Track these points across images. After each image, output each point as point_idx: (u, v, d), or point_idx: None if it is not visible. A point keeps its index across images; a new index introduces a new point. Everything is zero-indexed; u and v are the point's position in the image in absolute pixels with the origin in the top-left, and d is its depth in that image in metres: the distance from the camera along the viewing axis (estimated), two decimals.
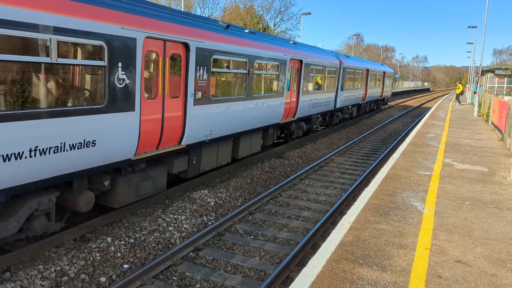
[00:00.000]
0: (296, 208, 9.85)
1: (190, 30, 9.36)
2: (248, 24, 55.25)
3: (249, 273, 6.65)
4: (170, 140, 9.09)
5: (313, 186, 11.76)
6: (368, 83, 29.38)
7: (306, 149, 16.88)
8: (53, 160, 6.33)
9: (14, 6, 5.53)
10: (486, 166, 11.53)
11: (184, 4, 41.74)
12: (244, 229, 8.42)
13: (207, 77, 10.00)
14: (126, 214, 8.65)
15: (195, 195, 9.82)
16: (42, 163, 6.16)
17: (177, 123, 9.18)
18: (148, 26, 7.95)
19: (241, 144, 12.67)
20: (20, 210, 6.25)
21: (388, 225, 6.78)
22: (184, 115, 9.34)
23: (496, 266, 5.49)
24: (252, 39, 12.66)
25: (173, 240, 7.64)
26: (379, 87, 33.96)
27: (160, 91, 8.54)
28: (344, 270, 5.18)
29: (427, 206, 7.85)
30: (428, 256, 5.67)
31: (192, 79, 9.42)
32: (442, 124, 21.79)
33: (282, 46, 14.97)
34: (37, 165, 6.10)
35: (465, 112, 30.35)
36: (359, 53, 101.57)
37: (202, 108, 9.93)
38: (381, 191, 8.68)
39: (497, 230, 6.79)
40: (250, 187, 11.28)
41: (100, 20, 6.85)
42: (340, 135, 21.43)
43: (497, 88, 35.18)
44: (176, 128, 9.18)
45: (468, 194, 8.79)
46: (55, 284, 5.88)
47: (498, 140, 16.46)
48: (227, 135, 11.41)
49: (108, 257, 6.76)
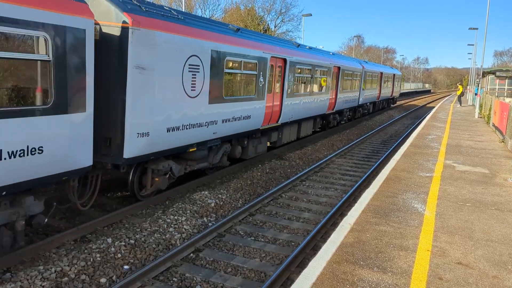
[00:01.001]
0: (296, 210, 9.83)
1: (287, 51, 14.87)
2: (248, 26, 55.30)
3: (249, 275, 6.64)
4: (274, 119, 14.34)
5: (313, 187, 11.75)
6: (382, 84, 34.19)
7: (307, 150, 16.87)
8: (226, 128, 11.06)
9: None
10: (487, 168, 11.52)
11: (185, 5, 41.71)
12: (244, 230, 8.41)
13: (293, 79, 15.28)
14: (127, 215, 8.64)
15: (195, 196, 9.81)
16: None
17: (278, 109, 14.40)
18: (271, 50, 13.32)
19: (302, 127, 17.60)
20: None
21: (389, 226, 6.77)
22: (281, 104, 14.57)
23: (497, 268, 5.47)
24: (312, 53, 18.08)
25: (174, 241, 7.63)
26: (390, 88, 38.94)
27: (273, 89, 13.81)
28: (344, 272, 5.17)
29: (428, 207, 7.84)
30: (429, 258, 5.65)
31: (286, 81, 14.60)
32: (443, 125, 21.77)
33: (328, 57, 20.72)
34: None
35: (466, 113, 30.33)
36: (360, 54, 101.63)
37: (290, 100, 15.18)
38: (382, 193, 8.67)
39: (498, 231, 6.78)
40: (250, 188, 11.27)
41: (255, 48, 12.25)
42: (341, 137, 21.41)
43: (498, 90, 35.16)
44: (277, 112, 14.38)
45: (469, 195, 8.78)
46: (55, 284, 5.88)
47: (499, 142, 16.45)
48: (296, 120, 16.42)
49: (109, 258, 6.75)
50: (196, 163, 10.48)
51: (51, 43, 6.08)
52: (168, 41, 8.51)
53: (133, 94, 7.76)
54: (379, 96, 33.86)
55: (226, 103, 10.99)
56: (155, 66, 8.21)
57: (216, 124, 10.58)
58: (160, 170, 9.16)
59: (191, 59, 9.28)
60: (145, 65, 7.96)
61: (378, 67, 35.18)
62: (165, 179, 9.40)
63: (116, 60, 7.60)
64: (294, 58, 15.16)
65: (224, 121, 10.95)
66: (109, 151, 7.75)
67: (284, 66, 14.41)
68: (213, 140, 10.63)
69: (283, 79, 14.44)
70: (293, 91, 15.31)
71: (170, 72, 8.73)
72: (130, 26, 7.47)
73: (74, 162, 6.72)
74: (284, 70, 14.41)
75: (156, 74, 8.28)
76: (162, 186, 9.34)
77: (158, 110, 8.47)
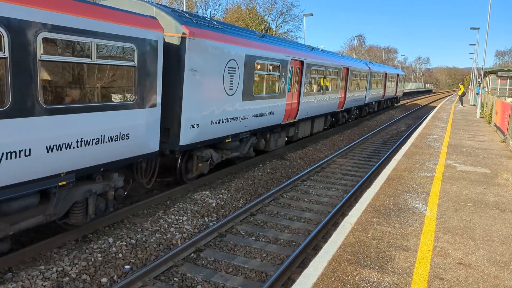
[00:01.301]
0: (297, 210, 9.83)
1: (304, 54, 16.34)
2: (250, 26, 55.29)
3: (250, 275, 6.64)
4: (292, 116, 15.79)
5: (314, 187, 11.74)
6: (386, 84, 36.06)
7: (308, 150, 16.87)
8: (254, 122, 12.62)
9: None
10: (489, 168, 11.50)
11: (186, 5, 41.72)
12: (245, 230, 8.41)
13: (308, 79, 16.86)
14: (128, 215, 8.66)
15: (196, 196, 9.82)
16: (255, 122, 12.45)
17: (295, 106, 15.90)
18: (291, 53, 14.87)
19: (315, 124, 19.18)
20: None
21: (390, 226, 6.77)
22: (299, 102, 16.11)
23: (499, 268, 5.47)
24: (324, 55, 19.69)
25: (175, 241, 7.63)
26: (394, 87, 40.75)
27: (291, 87, 15.26)
28: (345, 272, 5.17)
29: (429, 207, 7.83)
30: (430, 258, 5.65)
31: (303, 81, 16.20)
32: (445, 125, 21.75)
33: (339, 59, 22.46)
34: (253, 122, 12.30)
35: (467, 113, 30.29)
36: (361, 54, 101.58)
37: (306, 98, 16.77)
38: (383, 193, 8.66)
39: (500, 232, 6.77)
40: (251, 188, 11.27)
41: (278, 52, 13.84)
42: (342, 137, 21.40)
43: (499, 90, 35.11)
44: (295, 109, 15.85)
45: (471, 196, 8.76)
46: (57, 284, 5.89)
47: (500, 142, 16.42)
48: (310, 117, 17.84)
49: (110, 257, 6.76)
50: (230, 152, 12.13)
51: (137, 52, 7.72)
52: (213, 47, 10.11)
53: (187, 92, 9.31)
54: (383, 95, 35.60)
55: (255, 101, 12.57)
56: (204, 68, 9.78)
57: (247, 119, 12.21)
58: (203, 157, 10.77)
59: (230, 62, 10.91)
60: (197, 68, 9.53)
61: (383, 67, 36.96)
62: (207, 165, 11.04)
63: (175, 64, 9.13)
64: (310, 60, 16.79)
65: (253, 116, 12.56)
66: (168, 139, 9.31)
67: (301, 68, 16.03)
68: (244, 133, 12.32)
69: (300, 79, 16.06)
70: (308, 90, 17.07)
71: (215, 74, 10.33)
72: (187, 36, 9.11)
73: (147, 147, 8.33)
74: (301, 71, 16.08)
75: (204, 76, 9.85)
76: (204, 171, 10.98)
77: (205, 106, 10.08)
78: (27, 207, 6.20)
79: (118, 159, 7.62)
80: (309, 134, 18.82)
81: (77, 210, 7.20)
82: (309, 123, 18.40)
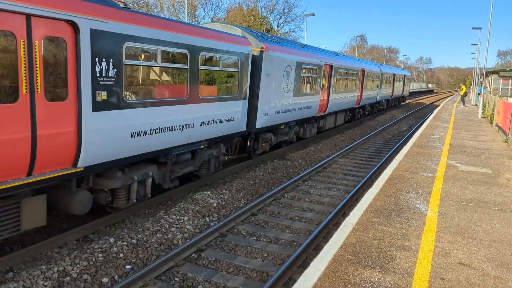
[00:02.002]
0: (298, 210, 9.82)
1: (332, 59, 20.04)
2: (251, 26, 55.29)
3: (251, 275, 6.63)
4: (322, 110, 19.20)
5: (316, 187, 11.73)
6: (394, 84, 39.46)
7: (309, 150, 16.86)
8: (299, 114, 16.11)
9: None
10: (490, 168, 11.47)
11: (187, 5, 41.70)
12: (246, 230, 8.41)
13: (335, 80, 20.45)
14: (129, 215, 8.66)
15: (197, 196, 9.82)
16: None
17: (325, 102, 19.42)
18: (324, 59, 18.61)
19: (338, 117, 22.72)
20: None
21: (391, 227, 6.76)
22: (328, 98, 19.66)
23: (500, 268, 5.45)
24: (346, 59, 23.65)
25: (176, 241, 7.63)
26: (401, 87, 44.30)
27: (324, 87, 18.74)
28: (346, 272, 5.16)
29: (431, 208, 7.81)
30: (431, 258, 5.64)
31: (332, 81, 19.73)
32: (446, 125, 21.71)
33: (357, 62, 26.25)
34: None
35: (469, 113, 30.24)
36: (363, 54, 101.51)
37: (333, 96, 20.29)
38: (384, 193, 8.65)
39: (501, 232, 6.75)
40: (252, 188, 11.27)
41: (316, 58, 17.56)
42: (343, 137, 21.39)
43: (501, 90, 35.03)
44: (325, 104, 19.42)
45: (472, 196, 8.74)
46: (58, 284, 5.89)
47: (502, 142, 16.38)
48: (334, 111, 21.43)
49: (111, 257, 6.76)
50: (282, 136, 15.63)
51: (239, 62, 11.47)
52: (278, 57, 13.77)
53: (262, 90, 12.97)
54: (392, 94, 39.24)
55: (301, 97, 16.25)
56: (272, 73, 13.42)
57: (295, 111, 15.80)
58: (265, 139, 14.36)
59: (287, 67, 14.59)
60: (268, 72, 13.19)
61: (391, 69, 40.76)
62: (268, 145, 14.63)
63: (255, 69, 12.73)
64: (337, 64, 20.50)
65: (299, 109, 16.17)
66: (248, 124, 12.78)
67: (331, 71, 19.70)
68: (292, 122, 15.93)
69: (329, 80, 19.65)
70: (335, 89, 20.65)
71: (278, 77, 13.97)
72: (264, 50, 12.80)
73: (240, 127, 12.06)
74: (331, 74, 19.73)
75: (272, 78, 13.51)
76: (266, 149, 14.65)
77: (272, 100, 13.74)
78: (187, 160, 9.90)
79: (226, 134, 11.32)
80: (333, 126, 22.50)
81: (204, 167, 10.85)
82: (334, 117, 22.04)
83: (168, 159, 9.12)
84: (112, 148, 7.35)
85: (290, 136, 16.24)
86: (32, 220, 6.37)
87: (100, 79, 6.90)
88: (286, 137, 15.87)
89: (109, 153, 7.32)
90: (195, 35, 9.30)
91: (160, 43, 8.22)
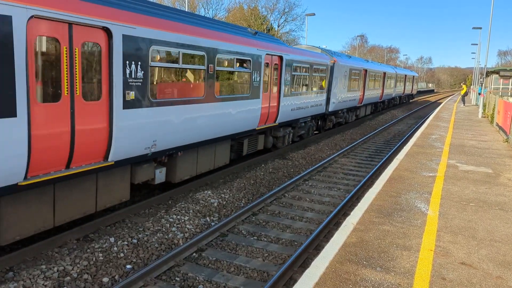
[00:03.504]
0: (299, 209, 9.82)
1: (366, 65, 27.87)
2: (252, 25, 55.26)
3: (252, 274, 6.63)
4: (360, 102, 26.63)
5: (316, 187, 11.73)
6: (406, 83, 46.79)
7: (310, 150, 16.85)
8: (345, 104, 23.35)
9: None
10: (491, 168, 11.47)
11: (188, 5, 41.72)
12: (247, 230, 8.40)
13: (368, 81, 27.52)
14: (129, 215, 8.65)
15: (198, 196, 9.81)
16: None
17: (362, 97, 26.64)
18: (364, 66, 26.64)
19: (367, 109, 29.91)
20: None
21: (392, 226, 6.75)
22: (364, 94, 26.85)
23: (501, 268, 5.44)
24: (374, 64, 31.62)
25: (176, 240, 7.63)
26: (411, 86, 51.73)
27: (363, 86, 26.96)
28: (347, 272, 5.15)
29: (431, 207, 7.81)
30: (432, 258, 5.63)
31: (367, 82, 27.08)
32: (447, 125, 21.70)
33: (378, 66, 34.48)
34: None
35: (469, 113, 30.23)
36: (364, 54, 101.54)
37: (366, 92, 27.36)
38: (385, 192, 8.64)
39: (502, 231, 6.74)
40: (253, 188, 11.26)
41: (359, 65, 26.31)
42: (344, 136, 21.38)
43: (502, 89, 35.01)
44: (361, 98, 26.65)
45: (473, 195, 8.74)
46: (58, 284, 5.89)
47: (503, 142, 16.37)
48: (365, 104, 28.54)
49: (111, 257, 6.75)
50: (338, 119, 22.81)
51: (327, 70, 19.32)
52: (341, 66, 21.24)
53: (333, 87, 20.09)
54: (403, 92, 46.26)
55: (350, 92, 23.60)
56: (338, 76, 20.69)
57: (346, 102, 23.06)
58: (331, 119, 21.51)
59: (344, 72, 22.06)
60: (336, 76, 20.42)
61: (404, 71, 47.84)
62: (331, 124, 21.60)
63: (330, 75, 19.80)
64: (369, 69, 28.18)
65: (349, 100, 23.61)
66: (324, 109, 19.79)
67: (365, 74, 27.11)
68: (344, 109, 23.24)
69: (364, 81, 26.99)
70: (368, 87, 28.05)
71: (341, 79, 21.36)
72: (335, 62, 20.13)
73: (323, 110, 19.53)
74: (365, 76, 27.17)
75: (338, 80, 20.80)
76: (330, 126, 21.63)
77: (337, 94, 20.83)
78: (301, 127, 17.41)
79: (316, 113, 18.58)
80: (364, 115, 29.49)
81: (306, 132, 18.29)
82: (365, 108, 29.26)
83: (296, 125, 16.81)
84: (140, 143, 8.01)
85: (342, 119, 23.42)
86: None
87: (129, 80, 7.49)
88: (341, 119, 23.21)
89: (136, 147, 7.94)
90: (312, 56, 17.56)
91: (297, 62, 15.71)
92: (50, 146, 6.20)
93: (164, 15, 8.58)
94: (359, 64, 25.40)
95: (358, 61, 26.88)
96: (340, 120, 22.77)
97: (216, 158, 11.23)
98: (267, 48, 12.82)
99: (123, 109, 7.40)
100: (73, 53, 6.38)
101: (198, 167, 10.44)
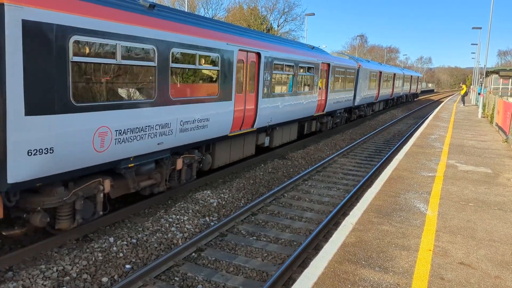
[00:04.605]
0: (299, 209, 9.82)
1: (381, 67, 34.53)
2: (251, 25, 55.27)
3: (251, 274, 6.63)
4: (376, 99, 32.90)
5: (316, 187, 11.73)
6: (411, 83, 52.79)
7: (309, 150, 16.86)
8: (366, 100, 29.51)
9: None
10: (490, 168, 11.47)
11: (188, 5, 41.71)
12: (246, 230, 8.41)
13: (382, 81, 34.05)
14: (129, 215, 8.66)
15: (197, 196, 9.82)
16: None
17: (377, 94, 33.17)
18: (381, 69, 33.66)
19: (381, 104, 36.12)
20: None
21: (391, 226, 6.76)
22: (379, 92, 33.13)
23: (500, 268, 5.45)
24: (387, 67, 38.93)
25: (176, 240, 7.63)
26: (415, 86, 57.73)
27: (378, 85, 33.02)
28: (346, 272, 5.16)
29: (430, 207, 7.81)
30: (431, 258, 5.64)
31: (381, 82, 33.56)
32: (446, 125, 21.71)
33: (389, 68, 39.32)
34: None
35: (469, 113, 30.24)
36: (363, 54, 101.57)
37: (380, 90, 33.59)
38: (384, 192, 8.65)
39: (501, 232, 6.75)
40: (253, 187, 11.27)
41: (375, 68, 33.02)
42: (344, 136, 21.39)
43: (501, 89, 35.02)
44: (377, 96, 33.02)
45: (472, 195, 8.74)
46: (57, 284, 5.89)
47: (502, 142, 16.38)
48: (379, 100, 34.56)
49: (110, 257, 6.76)
50: (361, 112, 28.18)
51: (355, 73, 25.00)
52: (363, 70, 26.70)
53: (357, 87, 25.47)
54: (409, 91, 51.75)
55: (369, 90, 28.63)
56: (361, 77, 26.03)
57: (366, 98, 27.93)
58: (355, 112, 26.57)
59: (366, 75, 27.58)
60: (360, 77, 25.86)
61: (410, 72, 54.34)
62: (356, 116, 26.89)
63: (355, 77, 25.00)
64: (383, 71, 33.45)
65: (369, 97, 28.95)
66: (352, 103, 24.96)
67: (380, 76, 32.21)
68: (365, 104, 28.69)
69: (379, 81, 32.07)
70: (381, 86, 33.24)
71: (364, 80, 26.96)
72: (360, 66, 25.80)
73: (351, 104, 24.89)
74: (380, 77, 32.25)
75: (362, 81, 26.30)
76: (355, 118, 26.71)
77: (361, 92, 26.52)
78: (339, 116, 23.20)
79: (346, 106, 23.79)
80: (378, 110, 35.23)
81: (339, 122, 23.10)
82: (379, 104, 34.89)
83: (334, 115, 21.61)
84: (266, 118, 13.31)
85: (363, 112, 28.59)
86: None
87: (264, 81, 12.70)
88: (362, 112, 28.42)
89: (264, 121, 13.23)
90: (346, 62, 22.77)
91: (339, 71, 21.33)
92: (239, 116, 11.45)
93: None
94: (376, 67, 31.44)
95: (375, 64, 32.89)
96: (361, 113, 28.10)
97: (291, 133, 16.40)
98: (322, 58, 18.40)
99: (262, 98, 12.71)
100: (248, 68, 11.83)
101: (283, 138, 15.55)
